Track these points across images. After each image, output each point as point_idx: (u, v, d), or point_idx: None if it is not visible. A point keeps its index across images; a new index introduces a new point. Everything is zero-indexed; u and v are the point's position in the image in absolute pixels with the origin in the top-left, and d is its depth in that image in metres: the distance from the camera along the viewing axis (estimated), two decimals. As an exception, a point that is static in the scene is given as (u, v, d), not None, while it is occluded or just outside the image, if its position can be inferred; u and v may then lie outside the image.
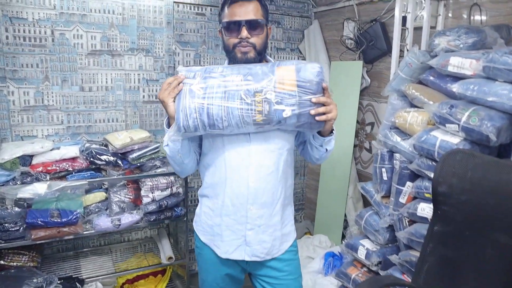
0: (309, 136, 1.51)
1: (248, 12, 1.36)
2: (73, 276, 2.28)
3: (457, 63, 1.68)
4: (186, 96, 1.26)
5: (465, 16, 2.10)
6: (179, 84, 1.30)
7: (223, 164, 1.43)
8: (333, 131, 1.47)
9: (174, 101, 1.30)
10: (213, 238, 1.51)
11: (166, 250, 2.60)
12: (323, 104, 1.29)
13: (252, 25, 1.37)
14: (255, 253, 1.46)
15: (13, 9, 2.28)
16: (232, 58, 1.42)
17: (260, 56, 1.41)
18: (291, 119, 1.26)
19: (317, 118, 1.28)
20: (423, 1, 2.16)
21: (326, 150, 1.49)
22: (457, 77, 1.72)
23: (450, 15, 2.20)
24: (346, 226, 2.85)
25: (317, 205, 3.16)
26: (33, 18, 2.34)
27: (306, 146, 1.56)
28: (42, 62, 2.41)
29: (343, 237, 2.82)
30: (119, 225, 2.30)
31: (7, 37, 2.30)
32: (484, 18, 2.01)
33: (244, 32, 1.35)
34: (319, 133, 1.43)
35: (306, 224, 3.38)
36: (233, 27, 1.38)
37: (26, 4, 2.31)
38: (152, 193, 2.38)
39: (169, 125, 1.38)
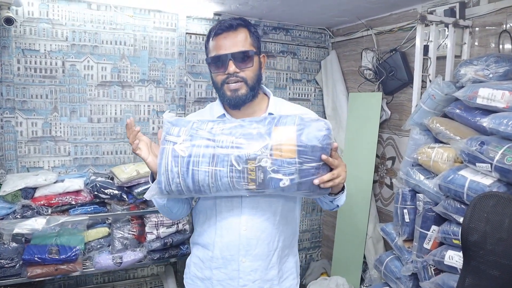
0: None
1: (235, 43, 1.21)
2: (70, 319, 2.14)
3: (487, 95, 1.51)
4: (169, 157, 1.07)
5: (493, 44, 1.95)
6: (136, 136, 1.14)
7: (214, 209, 1.27)
8: (344, 188, 1.25)
9: (156, 156, 1.13)
10: None
11: (170, 290, 2.45)
12: (330, 167, 1.08)
13: (240, 58, 1.21)
14: None
15: (26, 41, 2.29)
16: (222, 97, 1.27)
17: (254, 92, 1.25)
18: (290, 188, 1.05)
19: (322, 186, 1.05)
20: (446, 29, 2.03)
21: (337, 206, 1.30)
22: (487, 110, 1.55)
23: (476, 43, 2.05)
24: (365, 268, 2.62)
25: (335, 243, 2.95)
26: (45, 50, 2.34)
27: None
28: (52, 93, 2.39)
29: (362, 280, 2.59)
30: (121, 263, 2.17)
31: (18, 69, 2.29)
32: (514, 46, 1.86)
33: (232, 67, 1.20)
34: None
35: (323, 264, 3.16)
36: (219, 61, 1.22)
37: (39, 36, 2.31)
38: (157, 229, 2.26)
39: (153, 179, 1.20)
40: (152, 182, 1.18)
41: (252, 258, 1.25)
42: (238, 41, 1.21)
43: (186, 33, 2.68)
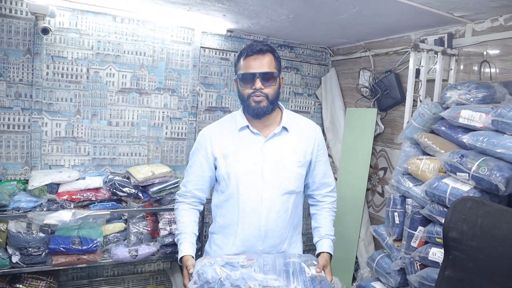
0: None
1: (263, 65, 1.48)
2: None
3: (468, 116, 1.78)
4: None
5: (475, 71, 2.22)
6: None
7: (236, 208, 1.55)
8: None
9: None
10: None
11: (178, 284, 2.64)
12: None
13: (266, 77, 1.49)
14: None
15: (56, 49, 2.49)
16: (246, 107, 1.55)
17: (273, 106, 1.54)
18: None
19: None
20: (436, 56, 2.30)
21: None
22: (467, 128, 1.81)
23: (461, 69, 2.33)
24: (357, 268, 2.86)
25: (329, 247, 3.18)
26: (72, 57, 2.55)
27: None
28: (76, 97, 2.59)
29: (354, 279, 2.83)
30: (136, 255, 2.37)
31: (47, 73, 2.49)
32: (493, 73, 2.13)
33: (258, 84, 1.47)
34: None
35: (317, 266, 3.38)
36: (248, 78, 1.49)
37: (68, 44, 2.52)
38: (169, 226, 2.46)
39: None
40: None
41: (267, 246, 1.55)
42: (265, 64, 1.49)
43: (201, 47, 2.92)
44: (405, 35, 2.68)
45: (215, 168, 1.63)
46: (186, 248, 1.49)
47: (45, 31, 2.28)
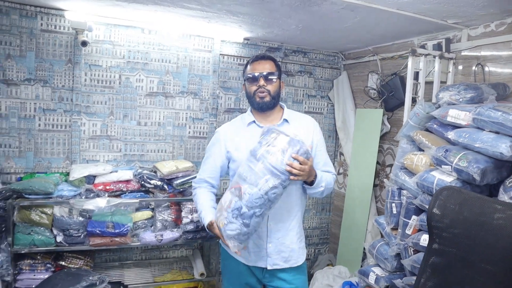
0: None
1: (265, 68, 1.82)
2: (119, 282, 2.64)
3: (455, 115, 1.96)
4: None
5: (471, 73, 2.39)
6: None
7: None
8: (314, 183, 1.74)
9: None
10: (241, 251, 1.82)
11: (199, 267, 2.92)
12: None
13: (267, 77, 1.81)
14: (275, 262, 1.81)
15: (92, 58, 2.84)
16: (252, 103, 1.86)
17: (274, 101, 1.84)
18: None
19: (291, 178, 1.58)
20: (434, 60, 2.48)
21: (309, 193, 1.83)
22: (455, 126, 1.99)
23: (459, 72, 2.49)
24: (364, 258, 3.05)
25: (340, 239, 3.39)
26: (106, 65, 2.89)
27: None
28: (110, 100, 2.93)
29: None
30: (161, 240, 2.67)
31: (85, 80, 2.84)
32: (487, 75, 2.29)
33: (261, 81, 1.80)
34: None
35: (329, 257, 3.59)
36: (253, 78, 1.82)
37: (102, 54, 2.87)
38: (191, 214, 2.75)
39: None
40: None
41: (276, 221, 1.79)
42: (267, 67, 1.84)
43: (220, 54, 3.20)
44: (409, 40, 2.86)
45: (229, 160, 1.91)
46: (208, 214, 1.78)
47: (84, 43, 2.63)
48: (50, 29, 2.71)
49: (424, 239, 2.00)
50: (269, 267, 1.81)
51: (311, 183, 1.73)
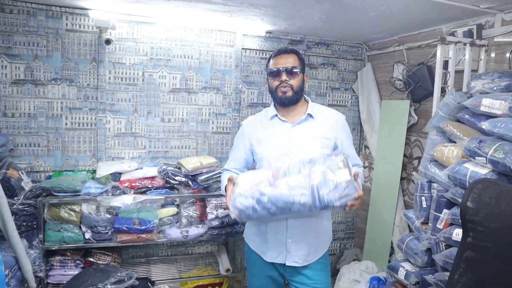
0: None
1: (288, 62, 1.77)
2: (146, 277, 2.67)
3: (489, 104, 1.88)
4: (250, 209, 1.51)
5: (506, 60, 2.28)
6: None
7: None
8: None
9: None
10: (260, 245, 1.85)
11: (224, 263, 2.92)
12: None
13: (290, 71, 1.76)
14: (294, 259, 1.79)
15: (116, 56, 2.87)
16: (275, 97, 1.82)
17: (297, 96, 1.79)
18: None
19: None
20: (465, 47, 2.38)
21: None
22: (489, 116, 1.91)
23: (492, 59, 2.39)
24: (392, 253, 2.98)
25: (366, 234, 3.33)
26: (129, 63, 2.91)
27: None
28: (133, 97, 2.95)
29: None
30: (187, 236, 2.68)
31: (109, 78, 2.87)
32: (522, 62, 2.18)
33: (284, 76, 1.76)
34: None
35: (355, 252, 3.54)
36: (275, 73, 1.78)
37: (126, 52, 2.89)
38: (216, 210, 2.75)
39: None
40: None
41: (297, 217, 1.75)
42: (290, 61, 1.79)
43: (242, 48, 3.18)
44: (437, 28, 2.76)
45: (252, 153, 1.91)
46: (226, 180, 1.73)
47: (108, 41, 2.65)
48: (75, 29, 2.75)
49: (457, 233, 1.94)
50: (288, 264, 1.79)
51: None
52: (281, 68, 1.77)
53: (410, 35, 3.01)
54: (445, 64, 2.44)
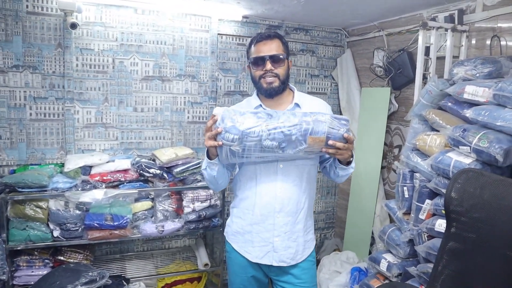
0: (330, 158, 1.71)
1: (271, 49, 1.62)
2: (121, 275, 2.55)
3: (472, 91, 1.83)
4: (228, 153, 1.46)
5: (486, 46, 2.24)
6: (216, 134, 1.46)
7: (254, 180, 1.65)
8: (350, 163, 1.63)
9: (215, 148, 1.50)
10: (244, 245, 1.71)
11: (202, 257, 2.83)
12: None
13: (275, 59, 1.62)
14: (282, 258, 1.66)
15: (83, 42, 2.69)
16: (259, 88, 1.67)
17: (284, 85, 1.66)
18: (313, 154, 1.57)
19: (326, 151, 1.50)
20: (446, 33, 2.32)
21: (341, 174, 1.67)
22: (472, 104, 1.86)
23: (473, 45, 2.34)
24: (373, 243, 2.96)
25: (346, 223, 3.29)
26: (98, 49, 2.74)
27: (325, 166, 1.76)
28: (103, 86, 2.79)
29: (370, 253, 2.93)
30: (163, 231, 2.57)
31: (77, 65, 2.70)
32: (504, 48, 2.14)
33: (268, 65, 1.60)
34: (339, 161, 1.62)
35: (336, 242, 3.51)
36: (259, 61, 1.63)
37: (94, 37, 2.71)
38: (192, 204, 2.64)
39: (208, 156, 1.59)
40: (208, 158, 1.59)
41: (284, 214, 1.63)
42: (274, 47, 1.63)
43: (218, 34, 3.04)
44: (417, 13, 2.70)
45: None
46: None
47: (74, 26, 2.47)
48: (37, 11, 2.55)
49: (440, 224, 1.90)
50: (274, 264, 1.67)
51: (348, 163, 1.62)
52: (265, 56, 1.61)
53: (390, 20, 2.94)
54: (426, 51, 2.39)
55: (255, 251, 1.69)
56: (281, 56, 1.63)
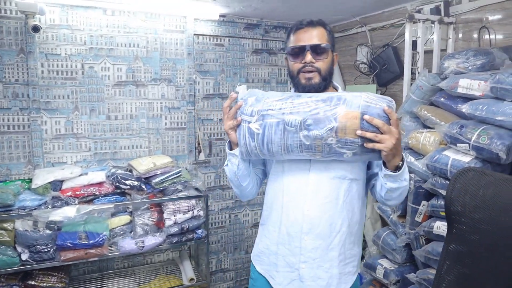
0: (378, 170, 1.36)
1: (313, 37, 1.35)
2: (99, 297, 2.36)
3: (466, 85, 1.73)
4: (246, 134, 1.27)
5: (474, 38, 2.16)
6: (236, 111, 1.32)
7: (281, 190, 1.39)
8: (400, 168, 1.25)
9: (235, 131, 1.33)
10: (269, 268, 1.44)
11: (187, 272, 2.67)
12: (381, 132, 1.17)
13: (317, 50, 1.34)
14: None
15: (48, 46, 2.48)
16: (296, 84, 1.40)
17: (325, 82, 1.37)
18: (351, 158, 1.23)
19: (365, 145, 1.17)
20: (433, 26, 2.23)
21: (389, 188, 1.30)
22: (466, 98, 1.77)
23: (460, 38, 2.26)
24: (365, 246, 2.84)
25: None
26: (65, 54, 2.54)
27: (374, 183, 1.42)
28: (73, 93, 2.59)
29: (362, 257, 2.82)
30: (143, 247, 2.39)
31: (42, 72, 2.49)
32: (493, 39, 2.06)
33: (309, 57, 1.33)
34: (385, 165, 1.26)
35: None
36: (297, 52, 1.36)
37: (60, 41, 2.51)
38: (174, 216, 2.47)
39: (230, 147, 1.40)
40: (229, 149, 1.40)
41: (314, 237, 1.33)
42: (316, 36, 1.35)
43: (194, 34, 2.88)
44: (401, 6, 2.60)
45: None
46: None
47: (36, 29, 2.26)
48: (-6, 15, 2.34)
49: (438, 226, 1.80)
50: None
51: (396, 169, 1.24)
52: (305, 46, 1.34)
53: (373, 15, 2.84)
54: (413, 45, 2.29)
55: (279, 277, 1.41)
56: (324, 46, 1.35)
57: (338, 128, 1.16)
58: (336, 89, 1.47)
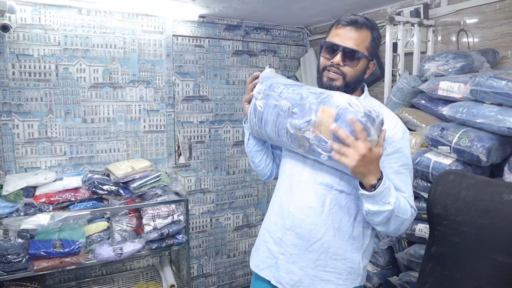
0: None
1: (351, 39, 1.24)
2: (75, 307, 2.27)
3: (447, 87, 1.74)
4: (252, 109, 1.35)
5: (453, 41, 2.18)
6: (253, 88, 1.37)
7: (281, 180, 1.45)
8: (376, 189, 1.11)
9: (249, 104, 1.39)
10: (254, 251, 1.51)
11: (168, 278, 2.60)
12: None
13: (349, 54, 1.24)
14: (280, 280, 1.38)
15: (20, 47, 2.38)
16: (319, 80, 1.33)
17: (348, 88, 1.27)
18: (328, 161, 1.16)
19: (332, 154, 1.09)
20: (413, 28, 2.24)
21: (367, 210, 1.17)
22: (447, 100, 1.77)
23: (439, 40, 2.28)
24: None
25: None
26: (38, 54, 2.44)
27: None
28: (46, 95, 2.49)
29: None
30: (121, 254, 2.31)
31: (13, 73, 2.39)
32: (471, 42, 2.09)
33: (337, 58, 1.24)
34: (361, 185, 1.16)
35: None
36: (330, 48, 1.27)
37: (33, 41, 2.41)
38: (153, 221, 2.41)
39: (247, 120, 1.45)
40: (245, 123, 1.48)
41: (294, 234, 1.33)
42: (355, 39, 1.24)
43: (173, 35, 2.82)
44: (381, 8, 2.61)
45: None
46: None
47: (5, 28, 2.16)
48: (-40, 14, 2.23)
49: (420, 229, 1.80)
50: (273, 282, 1.39)
51: (371, 189, 1.12)
52: (339, 46, 1.24)
53: (354, 17, 2.85)
54: (394, 47, 2.30)
55: (258, 259, 1.46)
56: (358, 53, 1.23)
57: (315, 123, 1.12)
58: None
